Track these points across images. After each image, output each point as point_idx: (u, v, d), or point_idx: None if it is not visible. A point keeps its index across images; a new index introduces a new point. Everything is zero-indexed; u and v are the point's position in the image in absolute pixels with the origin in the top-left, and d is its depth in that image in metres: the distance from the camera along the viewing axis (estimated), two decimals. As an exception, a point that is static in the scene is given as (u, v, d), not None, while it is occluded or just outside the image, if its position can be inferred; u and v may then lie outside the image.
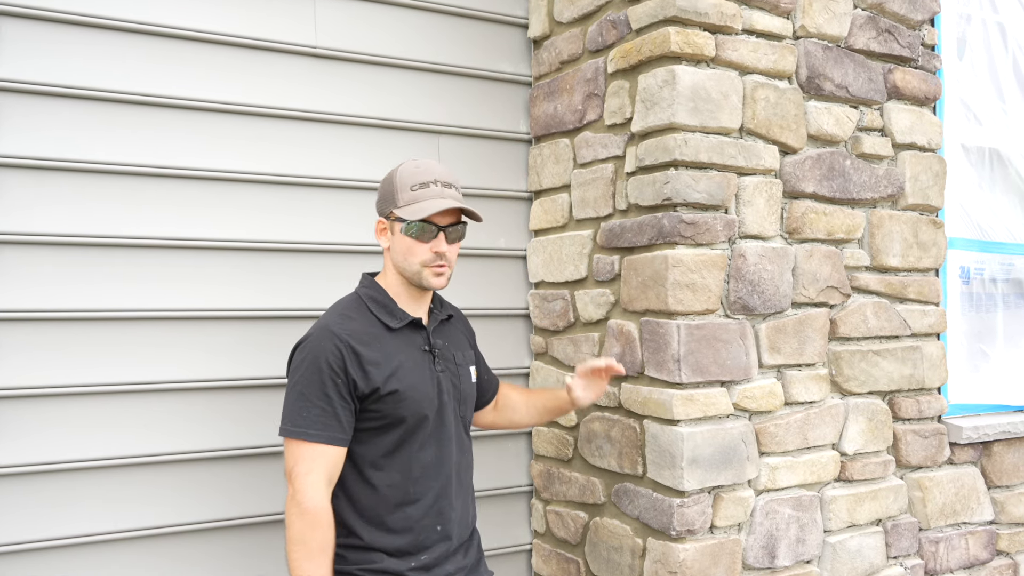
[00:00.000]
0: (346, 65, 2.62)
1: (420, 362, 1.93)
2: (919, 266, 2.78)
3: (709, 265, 2.32)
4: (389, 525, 1.86)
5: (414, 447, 1.88)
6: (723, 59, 2.36)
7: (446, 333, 2.05)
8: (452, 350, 2.02)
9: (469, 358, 2.09)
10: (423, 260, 1.91)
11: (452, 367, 1.99)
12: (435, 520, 1.90)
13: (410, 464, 1.88)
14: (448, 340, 2.03)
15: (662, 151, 2.31)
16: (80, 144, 2.25)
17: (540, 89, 2.87)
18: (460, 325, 2.15)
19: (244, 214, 2.46)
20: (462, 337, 2.12)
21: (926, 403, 2.77)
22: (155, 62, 2.35)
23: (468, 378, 2.05)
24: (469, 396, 2.05)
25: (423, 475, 1.89)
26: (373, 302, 1.94)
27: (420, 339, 1.96)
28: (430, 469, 1.90)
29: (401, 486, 1.87)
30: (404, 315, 1.94)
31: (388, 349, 1.88)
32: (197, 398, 2.39)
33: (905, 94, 2.76)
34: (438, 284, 1.94)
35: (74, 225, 2.24)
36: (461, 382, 2.01)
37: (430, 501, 1.90)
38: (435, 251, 1.90)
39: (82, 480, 2.24)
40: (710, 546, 2.30)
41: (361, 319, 1.90)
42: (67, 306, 2.23)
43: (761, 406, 2.42)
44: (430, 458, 1.90)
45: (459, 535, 1.96)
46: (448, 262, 1.94)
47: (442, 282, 1.94)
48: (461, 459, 1.99)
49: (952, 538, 2.81)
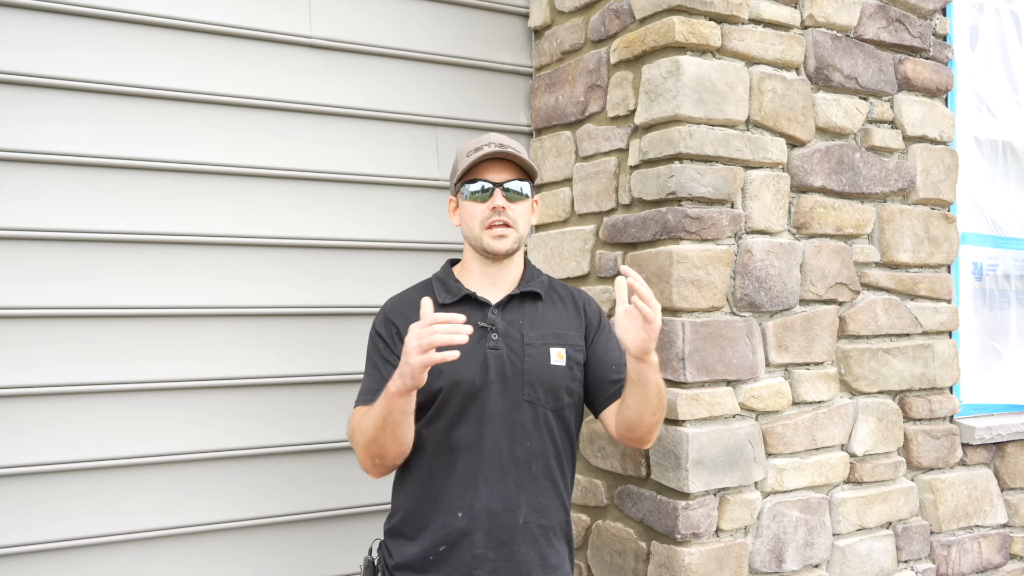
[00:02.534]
0: (342, 56, 2.61)
1: (470, 338, 1.79)
2: (930, 262, 2.77)
3: (715, 261, 2.32)
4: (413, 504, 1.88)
5: (444, 423, 1.85)
6: (729, 49, 2.36)
7: (524, 310, 1.94)
8: (525, 328, 1.91)
9: (557, 339, 1.93)
10: (482, 220, 1.89)
11: (516, 345, 1.89)
12: (456, 505, 1.84)
13: (439, 440, 1.86)
14: (524, 317, 1.93)
15: (666, 144, 2.31)
16: (68, 137, 2.24)
17: (541, 80, 2.87)
18: (558, 304, 2.00)
19: (237, 208, 2.45)
20: (554, 316, 1.97)
21: (938, 403, 2.76)
22: (144, 52, 2.34)
23: (540, 359, 1.90)
24: (546, 380, 1.89)
25: (450, 454, 1.85)
26: (437, 280, 1.99)
27: (479, 315, 1.90)
28: (460, 450, 1.85)
29: (427, 462, 1.86)
30: (459, 290, 1.93)
31: None
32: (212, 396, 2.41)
33: (916, 85, 2.75)
34: (501, 247, 1.89)
35: (64, 220, 2.24)
36: (525, 362, 1.88)
37: (456, 483, 1.84)
38: (492, 207, 1.88)
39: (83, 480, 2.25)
40: (716, 550, 2.30)
41: (417, 295, 1.86)
42: (60, 303, 2.24)
43: (768, 406, 2.41)
44: (462, 438, 1.85)
45: (490, 531, 1.84)
46: (512, 222, 1.89)
47: (506, 244, 1.89)
48: (516, 450, 1.86)
49: (964, 542, 2.80)
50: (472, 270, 1.97)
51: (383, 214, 2.66)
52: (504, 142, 1.93)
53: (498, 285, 1.95)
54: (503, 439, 1.86)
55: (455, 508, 1.84)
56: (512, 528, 1.85)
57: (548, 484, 1.90)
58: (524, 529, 1.86)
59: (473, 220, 1.91)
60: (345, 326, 2.56)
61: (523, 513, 1.86)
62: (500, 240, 1.89)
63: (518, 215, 1.91)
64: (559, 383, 1.91)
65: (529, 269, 2.02)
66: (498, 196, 1.89)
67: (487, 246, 1.90)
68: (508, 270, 1.96)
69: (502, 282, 1.96)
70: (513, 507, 1.85)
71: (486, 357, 1.86)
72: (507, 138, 1.96)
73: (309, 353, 2.53)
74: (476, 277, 1.96)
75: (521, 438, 1.87)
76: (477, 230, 1.90)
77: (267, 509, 2.47)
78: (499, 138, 1.95)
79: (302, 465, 2.52)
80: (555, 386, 1.90)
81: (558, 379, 1.91)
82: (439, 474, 1.86)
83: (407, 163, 2.70)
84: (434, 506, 1.86)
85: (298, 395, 2.52)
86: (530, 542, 1.86)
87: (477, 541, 1.83)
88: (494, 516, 1.84)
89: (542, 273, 2.04)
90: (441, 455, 1.86)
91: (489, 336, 1.88)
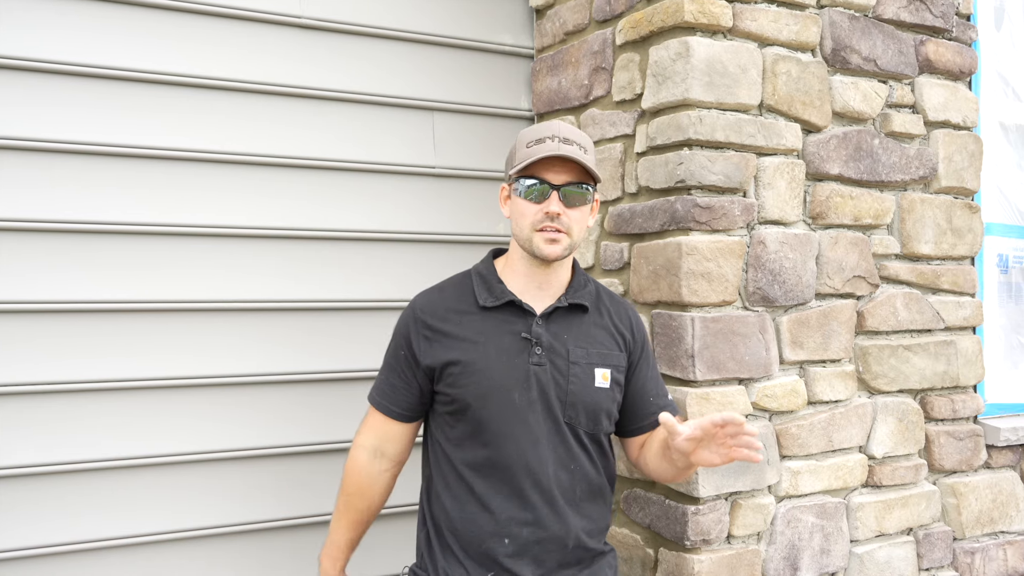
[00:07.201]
0: (333, 36, 2.60)
1: (510, 349, 1.84)
2: (953, 254, 2.76)
3: (726, 253, 2.31)
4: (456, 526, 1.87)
5: (480, 442, 1.84)
6: (741, 30, 2.34)
7: (569, 323, 1.91)
8: (571, 344, 1.89)
9: (602, 359, 1.92)
10: (533, 222, 1.83)
11: (560, 362, 1.87)
12: (503, 532, 1.83)
13: (480, 460, 1.85)
14: (570, 332, 1.90)
15: (675, 129, 2.30)
16: (43, 122, 2.24)
17: (543, 63, 2.85)
18: (605, 319, 1.97)
19: (224, 196, 2.45)
20: (601, 333, 1.94)
21: (961, 402, 2.75)
22: (122, 33, 2.33)
23: (586, 380, 1.88)
24: (589, 403, 1.88)
25: (490, 476, 1.84)
26: (479, 277, 1.94)
27: (522, 324, 1.86)
28: (498, 471, 1.83)
29: (466, 480, 1.85)
30: (504, 294, 1.88)
31: (471, 327, 1.86)
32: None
33: (938, 68, 2.74)
34: (551, 252, 1.83)
35: (55, 211, 2.25)
36: (569, 382, 1.86)
37: (498, 508, 1.83)
38: (546, 212, 1.82)
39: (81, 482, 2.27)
40: (727, 557, 2.29)
41: (454, 294, 1.91)
42: (54, 297, 2.25)
43: (782, 405, 2.40)
44: (500, 459, 1.83)
45: (538, 557, 1.85)
46: (565, 228, 1.83)
47: (556, 251, 1.84)
48: (561, 476, 1.86)
49: (989, 548, 2.80)
50: (517, 269, 1.92)
51: (377, 202, 2.66)
52: (569, 136, 1.85)
53: (544, 289, 1.91)
54: (556, 469, 1.85)
55: (501, 534, 1.83)
56: (562, 553, 1.87)
57: (592, 507, 1.92)
58: (572, 554, 1.89)
59: (524, 220, 1.84)
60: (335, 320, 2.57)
61: (572, 539, 1.88)
62: (551, 245, 1.84)
63: (573, 221, 1.85)
64: (601, 406, 1.91)
65: (578, 276, 1.98)
66: (554, 200, 1.82)
67: (536, 250, 1.85)
68: (556, 275, 1.92)
69: (549, 287, 1.92)
70: (563, 533, 1.87)
71: (531, 374, 1.84)
72: (573, 130, 1.87)
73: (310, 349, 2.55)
74: (521, 278, 1.91)
75: (566, 461, 1.87)
76: (528, 231, 1.84)
77: (280, 511, 2.48)
78: (564, 130, 1.85)
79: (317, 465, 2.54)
80: (597, 409, 1.91)
81: (601, 402, 1.91)
82: (482, 495, 1.84)
83: (402, 150, 2.69)
84: (476, 531, 1.84)
85: (311, 392, 2.55)
86: (575, 563, 1.89)
87: (525, 571, 1.83)
88: (543, 543, 1.85)
89: (591, 280, 2.01)
90: (481, 475, 1.84)
91: (532, 351, 1.86)
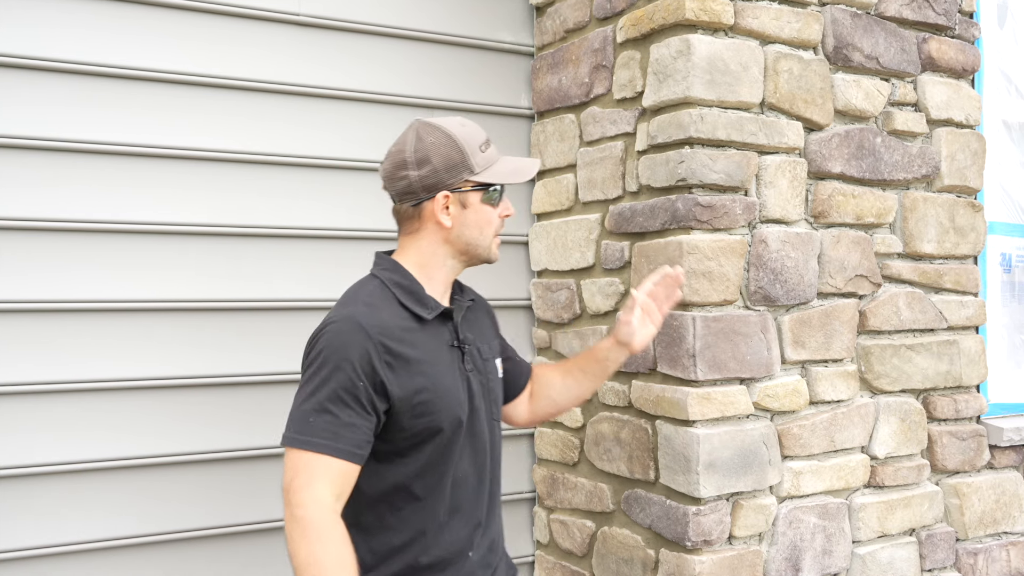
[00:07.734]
0: (330, 34, 2.60)
1: (449, 362, 1.74)
2: (956, 253, 2.76)
3: (727, 252, 2.30)
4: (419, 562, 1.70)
5: (448, 464, 1.71)
6: (742, 27, 2.34)
7: (472, 323, 1.85)
8: (479, 343, 1.84)
9: (495, 349, 1.91)
10: (496, 229, 1.79)
11: (480, 364, 1.81)
12: (467, 546, 1.76)
13: (443, 485, 1.71)
14: (475, 332, 1.85)
15: (676, 128, 2.29)
16: (45, 121, 2.23)
17: (543, 60, 2.85)
18: (483, 311, 1.96)
19: (220, 195, 2.44)
20: (487, 324, 1.95)
21: (963, 402, 2.75)
22: (115, 32, 2.32)
23: (495, 374, 1.88)
24: (499, 395, 1.89)
25: (455, 497, 1.73)
26: (400, 288, 1.72)
27: (447, 333, 1.76)
28: (463, 489, 1.74)
29: (432, 511, 1.70)
30: (435, 304, 1.74)
31: (421, 346, 1.69)
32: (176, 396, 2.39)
33: (941, 65, 2.74)
34: (498, 256, 1.83)
35: (42, 209, 2.24)
36: (489, 380, 1.83)
37: (463, 527, 1.74)
38: (504, 215, 1.80)
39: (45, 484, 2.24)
40: (728, 558, 2.29)
41: (389, 310, 1.68)
42: (37, 296, 2.23)
43: (784, 405, 2.40)
44: (463, 475, 1.74)
45: (486, 563, 1.81)
46: None
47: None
48: (496, 473, 1.83)
49: (992, 549, 2.80)
50: (435, 276, 1.77)
51: (378, 201, 2.64)
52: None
53: (447, 294, 1.82)
54: (492, 467, 1.83)
55: (466, 549, 1.76)
56: (497, 552, 1.88)
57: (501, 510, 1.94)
58: (502, 549, 1.92)
59: (489, 228, 1.77)
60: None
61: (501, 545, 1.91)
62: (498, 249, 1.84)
63: None
64: (500, 395, 1.91)
65: None
66: (507, 202, 1.82)
67: (492, 256, 1.81)
68: (456, 277, 1.85)
69: (448, 290, 1.83)
70: (500, 541, 1.90)
71: (469, 382, 1.77)
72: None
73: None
74: (439, 284, 1.78)
75: (499, 461, 1.86)
76: (490, 238, 1.78)
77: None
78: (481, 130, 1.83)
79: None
80: (500, 399, 1.91)
81: (500, 391, 1.92)
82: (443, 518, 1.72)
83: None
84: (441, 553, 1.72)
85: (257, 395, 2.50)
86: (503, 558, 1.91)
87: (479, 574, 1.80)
88: (493, 546, 1.85)
89: None
90: (440, 498, 1.72)
91: (465, 358, 1.78)
